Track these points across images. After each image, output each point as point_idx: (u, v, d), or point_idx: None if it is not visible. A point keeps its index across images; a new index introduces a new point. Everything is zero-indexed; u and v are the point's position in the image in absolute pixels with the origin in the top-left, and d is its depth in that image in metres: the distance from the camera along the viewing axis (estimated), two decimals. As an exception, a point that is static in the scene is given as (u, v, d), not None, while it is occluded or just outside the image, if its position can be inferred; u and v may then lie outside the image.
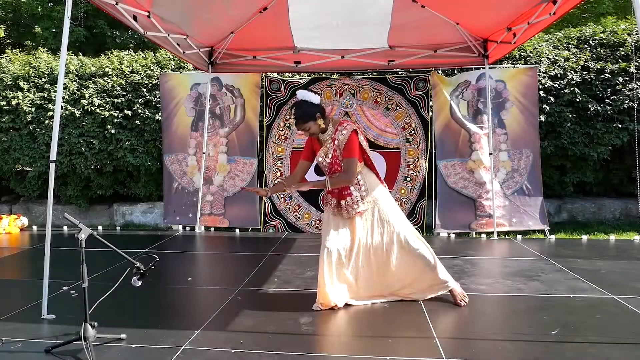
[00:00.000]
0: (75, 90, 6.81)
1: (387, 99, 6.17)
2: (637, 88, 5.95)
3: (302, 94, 3.37)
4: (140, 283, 2.87)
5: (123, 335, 2.91)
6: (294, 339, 2.89)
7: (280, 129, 6.38)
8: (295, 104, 3.39)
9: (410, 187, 6.13)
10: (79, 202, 7.16)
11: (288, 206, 6.31)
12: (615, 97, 6.01)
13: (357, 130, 3.33)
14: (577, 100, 6.06)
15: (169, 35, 4.77)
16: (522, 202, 5.99)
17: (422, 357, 2.63)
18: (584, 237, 5.67)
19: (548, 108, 6.08)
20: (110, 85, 6.78)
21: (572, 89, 6.07)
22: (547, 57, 6.25)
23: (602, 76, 6.09)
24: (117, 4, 3.79)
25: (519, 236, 5.77)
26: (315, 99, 3.34)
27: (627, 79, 6.02)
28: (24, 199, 7.66)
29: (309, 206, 6.25)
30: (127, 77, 6.82)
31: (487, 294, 3.71)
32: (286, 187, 3.53)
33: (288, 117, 6.34)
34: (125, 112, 6.68)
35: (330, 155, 3.39)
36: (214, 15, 4.93)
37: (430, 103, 6.14)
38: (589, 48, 6.31)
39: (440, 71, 6.26)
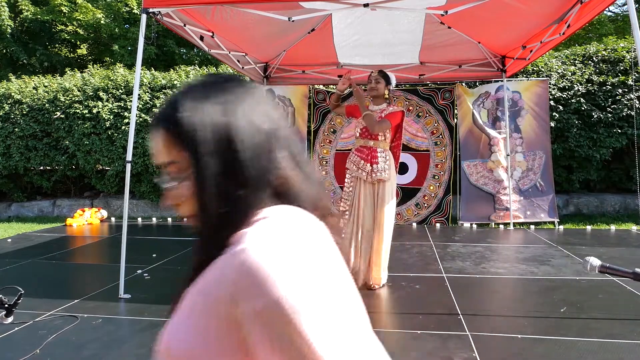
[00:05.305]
0: (147, 100, 7.29)
1: (418, 107, 6.65)
2: (634, 98, 6.32)
3: (391, 75, 3.84)
4: (10, 320, 1.98)
5: None
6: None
7: (326, 133, 6.89)
8: (387, 73, 3.84)
9: (437, 184, 6.61)
10: (151, 197, 7.60)
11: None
12: (616, 106, 6.39)
13: (404, 113, 3.75)
14: (583, 109, 6.46)
15: (230, 52, 5.10)
16: (536, 197, 6.32)
17: (448, 331, 2.81)
18: (589, 228, 6.01)
19: (557, 115, 6.47)
20: (178, 96, 7.41)
21: (578, 99, 6.47)
22: (557, 72, 6.65)
23: (604, 88, 6.48)
24: (185, 25, 4.02)
25: (532, 226, 6.11)
26: (393, 81, 3.84)
27: (626, 90, 6.38)
28: (103, 194, 8.19)
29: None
30: (193, 89, 7.44)
31: (505, 276, 3.95)
32: (356, 86, 3.85)
33: (332, 123, 6.86)
34: (192, 119, 7.31)
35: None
36: (270, 37, 5.18)
37: (455, 111, 6.56)
38: (592, 64, 6.70)
39: (464, 83, 6.64)
